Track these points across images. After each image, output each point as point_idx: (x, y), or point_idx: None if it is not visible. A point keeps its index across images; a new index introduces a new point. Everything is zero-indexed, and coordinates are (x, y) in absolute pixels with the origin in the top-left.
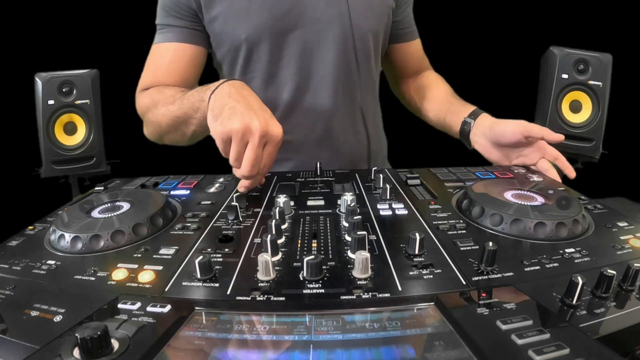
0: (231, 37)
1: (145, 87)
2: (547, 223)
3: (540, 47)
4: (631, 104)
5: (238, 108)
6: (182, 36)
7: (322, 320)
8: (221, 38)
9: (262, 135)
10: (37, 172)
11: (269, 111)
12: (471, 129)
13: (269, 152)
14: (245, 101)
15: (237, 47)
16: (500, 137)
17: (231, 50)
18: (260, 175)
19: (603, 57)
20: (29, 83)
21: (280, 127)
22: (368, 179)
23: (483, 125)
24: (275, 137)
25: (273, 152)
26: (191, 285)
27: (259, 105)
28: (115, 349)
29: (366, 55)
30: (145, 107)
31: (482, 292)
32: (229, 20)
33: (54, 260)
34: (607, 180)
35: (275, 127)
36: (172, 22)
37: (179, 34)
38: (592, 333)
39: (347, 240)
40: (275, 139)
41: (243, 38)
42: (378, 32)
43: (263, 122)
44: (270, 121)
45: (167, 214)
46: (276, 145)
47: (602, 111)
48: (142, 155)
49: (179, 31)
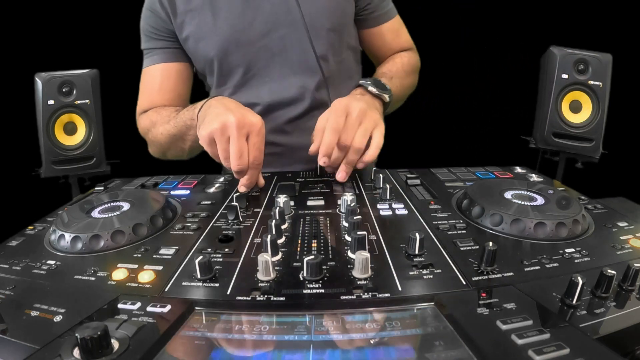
0: (202, 55)
1: (144, 109)
2: (547, 223)
3: (540, 47)
4: (631, 104)
5: (216, 112)
6: (166, 56)
7: (322, 320)
8: (194, 56)
9: (240, 127)
10: (37, 172)
11: (248, 108)
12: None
13: (252, 142)
14: (223, 105)
15: (209, 62)
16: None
17: (205, 65)
18: (254, 169)
19: (603, 57)
20: (29, 83)
21: (259, 117)
22: (368, 179)
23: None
24: (254, 125)
25: (257, 141)
26: (191, 285)
27: (235, 105)
28: (115, 349)
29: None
30: (145, 129)
31: (482, 292)
32: (197, 39)
33: (54, 260)
34: (607, 180)
35: (252, 117)
36: (154, 45)
37: (163, 55)
38: (592, 333)
39: (347, 240)
40: (254, 128)
41: (212, 55)
42: (337, 26)
43: (239, 115)
44: (246, 114)
45: (167, 214)
46: (257, 134)
47: (602, 111)
48: (142, 155)
49: (163, 52)
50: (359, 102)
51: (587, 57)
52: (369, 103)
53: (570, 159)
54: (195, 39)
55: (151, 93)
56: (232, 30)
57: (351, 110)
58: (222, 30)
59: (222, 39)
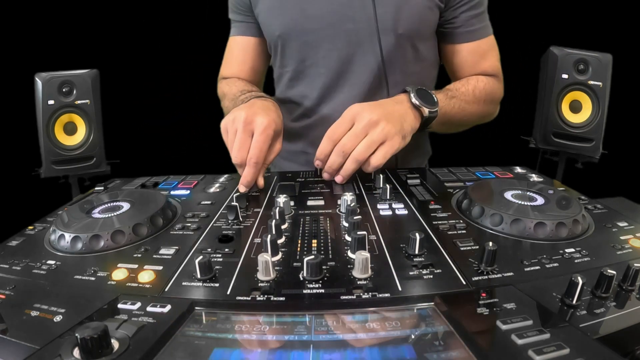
0: (269, 33)
1: (223, 76)
2: (547, 223)
3: (540, 47)
4: (631, 104)
5: (239, 107)
6: (244, 30)
7: (322, 320)
8: (264, 33)
9: (247, 122)
10: (37, 172)
11: (268, 111)
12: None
13: (255, 140)
14: (251, 103)
15: (274, 42)
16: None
17: (270, 44)
18: (251, 167)
19: (603, 57)
20: (29, 83)
21: (269, 118)
22: (368, 179)
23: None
24: (259, 124)
25: (259, 140)
26: (191, 285)
27: (261, 106)
28: (115, 349)
29: (398, 57)
30: (221, 95)
31: (482, 292)
32: (267, 16)
33: (54, 260)
34: (607, 180)
35: (262, 118)
36: (235, 18)
37: (241, 28)
38: (592, 333)
39: (347, 240)
40: (259, 127)
41: (277, 34)
42: (414, 32)
43: (250, 113)
44: (259, 112)
45: (167, 214)
46: (261, 133)
47: (602, 111)
48: (142, 155)
49: (242, 25)
50: (374, 110)
51: (587, 57)
52: (393, 113)
53: (570, 159)
54: (265, 15)
55: (229, 63)
56: (300, 14)
57: (359, 119)
58: (290, 11)
59: (288, 19)
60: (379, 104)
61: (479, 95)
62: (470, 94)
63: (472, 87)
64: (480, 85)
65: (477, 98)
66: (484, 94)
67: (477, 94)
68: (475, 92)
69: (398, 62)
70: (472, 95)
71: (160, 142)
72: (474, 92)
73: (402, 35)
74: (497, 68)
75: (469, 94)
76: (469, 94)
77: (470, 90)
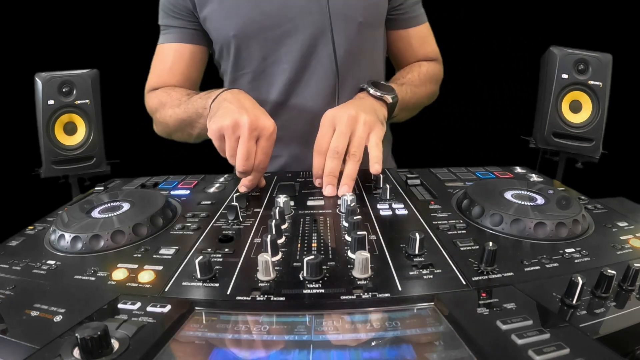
0: (220, 35)
1: (153, 87)
2: (547, 223)
3: (540, 47)
4: (631, 104)
5: (230, 107)
6: (181, 36)
7: (322, 320)
8: (213, 36)
9: (252, 129)
10: (37, 172)
11: (263, 109)
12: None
13: (261, 146)
14: (239, 102)
15: (227, 44)
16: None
17: (222, 47)
18: (258, 172)
19: (603, 57)
20: (29, 83)
21: (272, 121)
22: (368, 179)
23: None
24: (266, 130)
25: (266, 146)
26: (191, 285)
27: (251, 104)
28: (115, 349)
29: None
30: (153, 108)
31: (482, 292)
32: (219, 18)
33: (54, 260)
34: (607, 180)
35: (266, 121)
36: (171, 23)
37: (178, 34)
38: (592, 333)
39: (347, 240)
40: (266, 132)
41: (231, 35)
42: (368, 22)
43: (252, 117)
44: (261, 116)
45: (167, 214)
46: (268, 138)
47: (602, 111)
48: (142, 155)
49: (179, 31)
50: (348, 108)
51: (587, 57)
52: (365, 106)
53: (570, 159)
54: (216, 17)
55: (162, 72)
56: (256, 12)
57: (338, 120)
58: (245, 10)
59: (245, 19)
60: (348, 103)
61: (424, 78)
62: (416, 79)
63: (416, 73)
64: (423, 70)
65: (422, 81)
66: (427, 76)
67: (422, 78)
68: (420, 76)
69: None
70: (418, 79)
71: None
72: (419, 77)
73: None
74: (436, 52)
75: (415, 78)
76: (415, 79)
77: (416, 76)
